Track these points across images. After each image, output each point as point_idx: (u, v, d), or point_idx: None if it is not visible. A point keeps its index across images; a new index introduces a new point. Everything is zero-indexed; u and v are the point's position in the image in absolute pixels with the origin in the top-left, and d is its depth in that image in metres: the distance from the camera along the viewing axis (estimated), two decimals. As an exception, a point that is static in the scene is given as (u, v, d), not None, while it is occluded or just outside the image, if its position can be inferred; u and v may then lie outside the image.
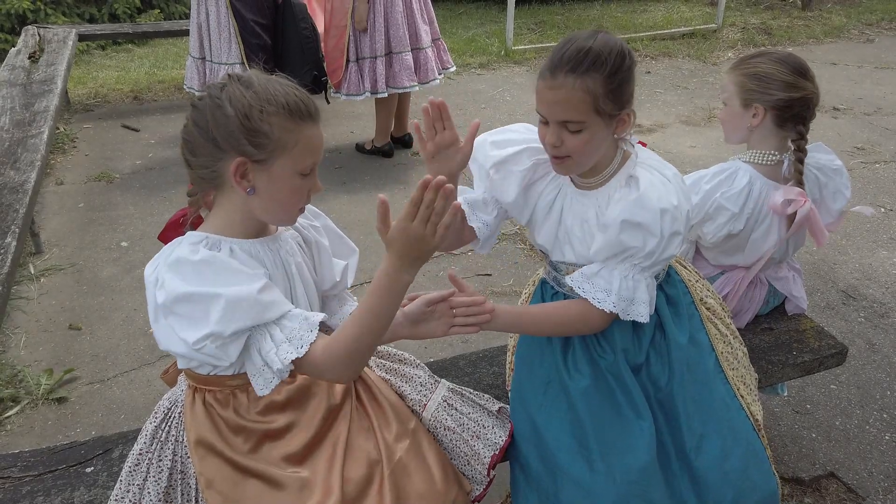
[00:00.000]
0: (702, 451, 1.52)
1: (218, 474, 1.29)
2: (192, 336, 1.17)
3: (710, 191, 1.89)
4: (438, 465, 1.41)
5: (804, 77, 1.85)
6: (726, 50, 6.77)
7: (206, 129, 1.21)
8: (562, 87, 1.34)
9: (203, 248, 1.21)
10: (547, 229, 1.56)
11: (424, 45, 4.18)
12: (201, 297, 1.16)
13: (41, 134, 3.26)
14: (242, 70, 3.97)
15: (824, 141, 2.04)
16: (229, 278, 1.18)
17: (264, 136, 1.20)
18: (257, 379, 1.24)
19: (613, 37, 1.38)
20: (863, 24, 7.75)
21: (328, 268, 1.45)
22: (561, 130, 1.38)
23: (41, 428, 2.35)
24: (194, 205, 1.33)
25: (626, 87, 1.38)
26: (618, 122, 1.40)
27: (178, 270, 1.18)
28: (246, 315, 1.18)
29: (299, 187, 1.26)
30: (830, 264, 3.29)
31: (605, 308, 1.44)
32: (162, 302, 1.17)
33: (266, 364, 1.22)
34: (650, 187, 1.40)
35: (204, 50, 4.17)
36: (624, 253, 1.42)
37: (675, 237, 1.41)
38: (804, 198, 1.85)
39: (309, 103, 1.25)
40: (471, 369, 1.88)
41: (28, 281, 3.13)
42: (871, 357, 2.68)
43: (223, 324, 1.16)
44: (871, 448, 2.27)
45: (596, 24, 7.53)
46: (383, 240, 1.19)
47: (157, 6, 7.14)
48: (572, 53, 1.34)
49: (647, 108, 5.32)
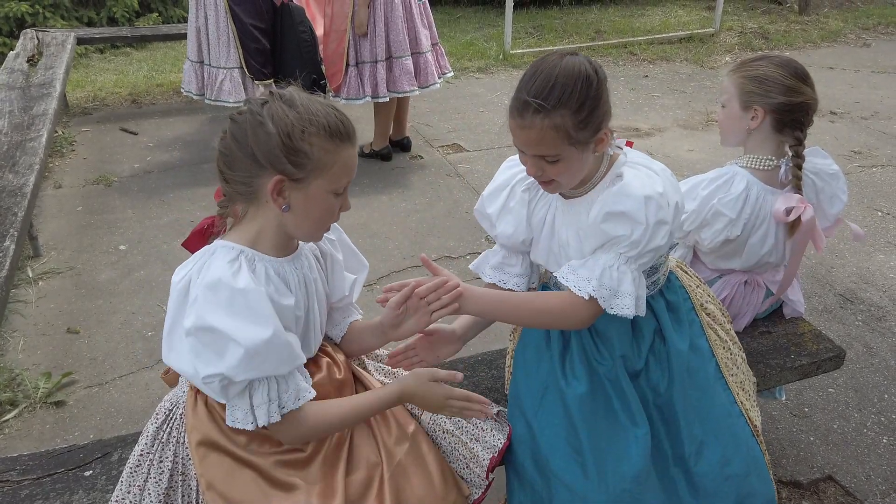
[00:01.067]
0: (701, 457, 1.53)
1: (219, 475, 1.29)
2: (204, 370, 1.19)
3: (707, 196, 1.89)
4: (437, 469, 1.42)
5: (804, 82, 1.86)
6: (724, 54, 6.79)
7: (245, 145, 1.22)
8: (531, 128, 1.34)
9: (244, 265, 1.22)
10: (541, 245, 1.57)
11: (424, 50, 4.19)
12: (225, 338, 1.17)
13: (40, 137, 3.26)
14: (241, 74, 4.03)
15: (821, 145, 2.05)
16: (257, 319, 1.19)
17: (305, 155, 1.21)
18: (236, 413, 1.25)
19: (578, 59, 1.36)
20: (860, 28, 7.78)
21: (339, 281, 1.47)
22: (539, 161, 1.39)
23: (39, 432, 2.35)
24: (224, 215, 1.33)
25: (598, 111, 1.36)
26: (596, 143, 1.40)
27: (215, 294, 1.18)
28: (258, 368, 1.20)
29: (332, 206, 1.29)
30: (828, 268, 3.29)
31: (583, 293, 1.40)
32: (189, 326, 1.18)
33: (252, 411, 1.24)
34: (633, 178, 1.40)
35: (202, 54, 4.17)
36: (609, 242, 1.40)
37: (662, 226, 1.38)
38: (804, 204, 1.85)
39: (348, 124, 1.27)
40: (469, 372, 1.88)
41: (26, 284, 3.13)
42: (869, 360, 2.68)
43: (236, 371, 1.18)
44: (868, 451, 2.27)
45: (594, 28, 7.56)
46: (406, 370, 1.50)
47: (156, 10, 7.15)
48: (538, 90, 1.32)
49: (645, 112, 5.34)
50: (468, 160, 4.49)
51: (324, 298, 1.43)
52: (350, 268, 1.51)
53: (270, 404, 1.24)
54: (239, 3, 3.96)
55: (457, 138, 4.84)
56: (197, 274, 1.22)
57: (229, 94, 4.10)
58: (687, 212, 1.91)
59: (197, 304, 1.18)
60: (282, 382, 1.26)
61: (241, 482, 1.29)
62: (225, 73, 4.08)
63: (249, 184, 1.24)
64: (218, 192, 1.33)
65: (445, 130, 4.97)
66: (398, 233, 3.60)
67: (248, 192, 1.26)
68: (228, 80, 4.08)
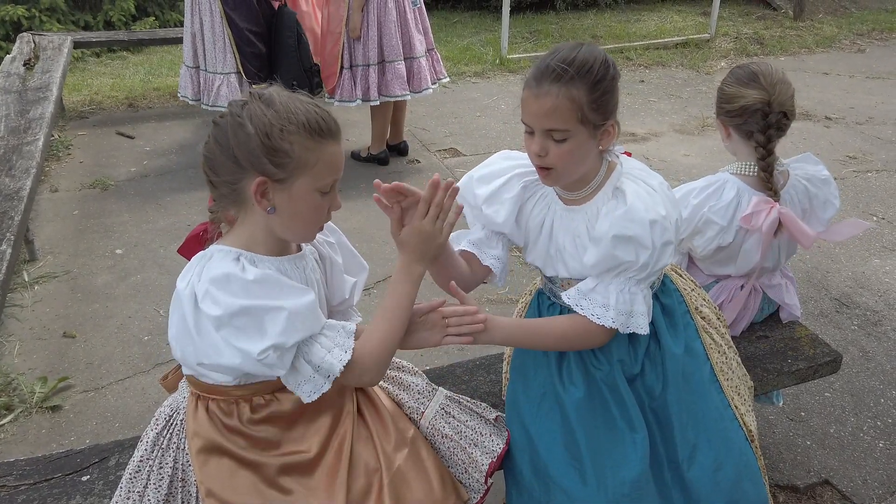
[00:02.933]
0: (695, 461, 1.53)
1: (218, 481, 1.28)
2: (255, 347, 1.17)
3: (697, 205, 1.91)
4: (436, 474, 1.42)
5: (747, 86, 1.85)
6: (719, 59, 6.82)
7: (227, 148, 1.21)
8: (547, 96, 1.35)
9: (246, 263, 1.22)
10: (539, 248, 1.57)
11: (418, 55, 4.20)
12: (262, 309, 1.17)
13: (36, 141, 3.26)
14: (238, 79, 4.03)
15: (817, 150, 2.07)
16: (286, 292, 1.20)
17: (285, 154, 1.20)
18: (305, 386, 1.25)
19: (597, 47, 1.40)
20: (854, 34, 7.82)
21: (339, 285, 1.46)
22: (546, 140, 1.39)
23: (35, 436, 2.34)
24: (216, 220, 1.33)
25: (611, 97, 1.39)
26: (602, 134, 1.41)
27: (229, 285, 1.18)
28: (304, 326, 1.21)
29: (319, 205, 1.27)
30: (824, 272, 3.31)
31: (605, 324, 1.44)
32: (218, 315, 1.16)
33: (316, 371, 1.24)
34: (637, 199, 1.40)
35: (198, 59, 4.17)
36: (618, 267, 1.42)
37: (667, 247, 1.41)
38: (769, 204, 1.86)
39: (330, 121, 1.25)
40: (468, 377, 1.88)
41: (22, 288, 3.12)
42: (865, 365, 2.69)
43: (286, 335, 1.18)
44: (865, 455, 2.28)
45: (590, 33, 7.58)
46: (396, 240, 1.37)
47: (153, 14, 7.14)
48: (557, 63, 1.35)
49: (641, 117, 5.35)
50: (465, 164, 4.50)
51: (325, 302, 1.43)
52: (350, 270, 1.50)
53: (332, 351, 1.25)
54: (234, 8, 3.95)
55: (454, 143, 4.84)
56: (198, 277, 1.21)
57: (227, 99, 4.08)
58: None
59: (212, 296, 1.17)
60: (326, 331, 1.27)
61: (241, 486, 1.28)
62: (222, 79, 4.08)
63: (234, 187, 1.23)
64: (211, 198, 1.32)
65: (442, 135, 4.98)
66: (395, 237, 3.60)
67: (235, 196, 1.25)
68: (226, 85, 4.07)
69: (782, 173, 1.95)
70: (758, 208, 1.85)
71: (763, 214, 1.84)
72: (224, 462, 1.30)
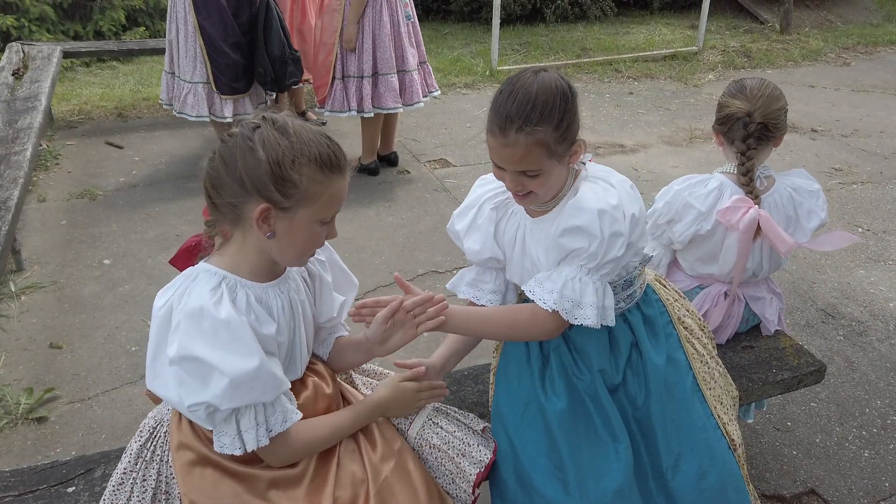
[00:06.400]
0: (679, 470, 1.54)
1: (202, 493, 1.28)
2: (189, 399, 1.18)
3: (679, 190, 1.99)
4: (423, 485, 1.42)
5: (734, 97, 1.95)
6: (707, 72, 6.89)
7: (233, 169, 1.20)
8: (515, 146, 1.37)
9: (226, 294, 1.21)
10: (514, 263, 1.59)
11: (410, 68, 4.23)
12: (210, 367, 1.17)
13: (24, 151, 3.24)
14: (207, 89, 4.02)
15: (803, 162, 2.11)
16: (240, 349, 1.19)
17: (293, 185, 1.20)
18: (223, 439, 1.25)
19: (552, 75, 1.39)
20: (840, 48, 7.92)
21: (328, 303, 1.47)
22: (519, 177, 1.42)
23: (20, 448, 2.32)
24: (211, 235, 1.33)
25: (573, 122, 1.41)
26: (571, 154, 1.44)
27: (198, 323, 1.17)
28: (243, 397, 1.20)
29: (317, 234, 1.28)
30: (809, 283, 3.33)
31: (547, 306, 1.43)
32: (173, 355, 1.17)
33: (237, 436, 1.24)
34: (588, 192, 1.43)
35: (174, 66, 4.20)
36: (569, 255, 1.44)
37: (617, 238, 1.40)
38: (747, 204, 1.91)
39: (340, 155, 1.26)
40: (455, 387, 1.88)
41: (8, 299, 3.10)
42: (850, 375, 2.71)
43: (221, 400, 1.18)
44: (850, 465, 2.29)
45: (580, 46, 7.64)
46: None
47: (142, 24, 7.14)
48: (518, 108, 1.35)
49: (630, 129, 5.39)
50: (455, 175, 4.52)
51: (311, 320, 1.43)
52: (340, 288, 1.50)
53: (258, 428, 1.24)
54: (207, 18, 3.94)
55: (444, 153, 4.86)
56: (178, 300, 1.21)
57: (192, 108, 4.09)
58: (659, 207, 2.01)
59: (179, 333, 1.17)
60: (268, 407, 1.26)
61: (225, 497, 1.28)
62: (189, 87, 4.08)
63: (236, 208, 1.23)
64: (206, 209, 1.32)
65: (433, 146, 5.00)
66: (385, 247, 3.61)
67: (234, 216, 1.25)
68: (192, 94, 4.08)
69: (767, 178, 2.00)
70: (736, 205, 1.91)
71: (740, 212, 1.90)
72: (207, 473, 1.29)
